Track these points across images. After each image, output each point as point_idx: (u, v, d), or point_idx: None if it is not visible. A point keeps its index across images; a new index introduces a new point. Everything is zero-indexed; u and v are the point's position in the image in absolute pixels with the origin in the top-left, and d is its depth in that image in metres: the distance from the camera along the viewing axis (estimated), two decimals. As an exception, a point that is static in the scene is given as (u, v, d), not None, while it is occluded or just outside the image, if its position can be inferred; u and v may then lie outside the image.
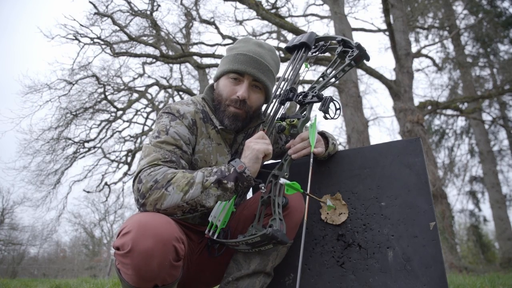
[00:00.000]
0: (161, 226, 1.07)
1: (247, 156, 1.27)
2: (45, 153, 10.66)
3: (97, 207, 21.54)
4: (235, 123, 1.41)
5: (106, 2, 9.57)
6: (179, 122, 1.35)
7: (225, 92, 1.41)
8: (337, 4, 9.36)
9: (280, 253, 1.42)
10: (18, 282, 5.30)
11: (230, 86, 1.40)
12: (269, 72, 1.43)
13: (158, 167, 1.21)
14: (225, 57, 1.46)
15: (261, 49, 1.44)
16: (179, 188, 1.15)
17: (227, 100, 1.40)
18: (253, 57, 1.39)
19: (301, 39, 1.60)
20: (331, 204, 1.32)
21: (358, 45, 1.45)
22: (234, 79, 1.40)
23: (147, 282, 1.08)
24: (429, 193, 1.39)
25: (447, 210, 7.89)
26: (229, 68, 1.40)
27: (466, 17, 12.62)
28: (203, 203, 1.19)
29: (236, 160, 1.26)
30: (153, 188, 1.15)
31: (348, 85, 8.22)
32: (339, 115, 1.40)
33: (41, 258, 23.63)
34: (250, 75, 1.39)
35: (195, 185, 1.17)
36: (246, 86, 1.39)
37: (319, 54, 1.63)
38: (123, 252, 1.05)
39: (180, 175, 1.19)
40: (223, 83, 1.43)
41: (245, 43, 1.47)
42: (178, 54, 9.42)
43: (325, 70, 1.51)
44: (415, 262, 1.34)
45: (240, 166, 1.23)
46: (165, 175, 1.18)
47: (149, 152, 1.27)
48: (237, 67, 1.38)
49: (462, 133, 13.73)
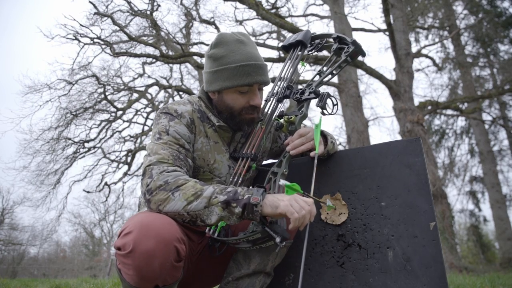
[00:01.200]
0: (163, 226, 1.07)
1: (278, 199, 1.15)
2: (45, 153, 10.67)
3: (97, 207, 21.55)
4: (252, 126, 1.45)
5: (106, 2, 9.57)
6: (177, 121, 1.35)
7: (237, 105, 1.38)
8: (337, 4, 9.36)
9: (280, 253, 1.41)
10: (18, 282, 5.30)
11: (241, 98, 1.38)
12: (266, 68, 1.41)
13: (171, 168, 1.21)
14: (222, 69, 1.35)
15: (249, 48, 1.38)
16: (184, 196, 1.13)
17: (242, 110, 1.39)
18: (257, 64, 1.35)
19: (297, 37, 1.61)
20: (331, 204, 1.32)
21: (353, 41, 1.46)
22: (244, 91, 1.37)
23: (148, 283, 1.08)
24: (429, 193, 1.39)
25: (447, 210, 7.88)
26: (239, 83, 1.34)
27: (466, 17, 12.62)
28: (204, 219, 1.15)
29: (260, 190, 1.16)
30: (161, 188, 1.15)
31: (348, 85, 8.23)
32: (337, 110, 1.40)
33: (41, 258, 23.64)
34: (259, 83, 1.38)
35: (200, 198, 1.13)
36: (258, 93, 1.39)
37: (315, 52, 1.63)
38: (124, 252, 1.05)
39: (191, 184, 1.16)
40: (231, 97, 1.38)
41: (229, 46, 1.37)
42: (178, 54, 9.41)
43: (321, 67, 1.51)
44: (415, 262, 1.34)
45: (255, 198, 1.12)
46: (177, 179, 1.17)
47: (157, 150, 1.26)
48: (248, 80, 1.33)
49: (462, 133, 13.74)
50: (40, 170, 10.84)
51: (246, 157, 1.37)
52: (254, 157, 1.37)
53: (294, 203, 1.14)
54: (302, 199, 1.16)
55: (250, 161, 1.36)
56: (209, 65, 1.40)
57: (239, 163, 1.37)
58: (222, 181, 1.44)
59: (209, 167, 1.41)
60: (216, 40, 1.40)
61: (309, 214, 1.15)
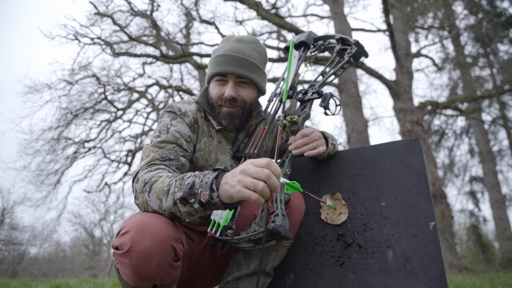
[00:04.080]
0: (160, 226, 1.08)
1: (230, 186, 0.97)
2: (45, 153, 10.69)
3: (97, 207, 21.53)
4: (232, 122, 1.41)
5: (106, 2, 9.58)
6: (180, 120, 1.37)
7: (214, 94, 1.43)
8: (337, 4, 9.36)
9: (280, 253, 1.42)
10: (18, 282, 5.30)
11: (218, 88, 1.42)
12: (251, 65, 1.40)
13: (154, 167, 1.21)
14: (209, 60, 1.47)
15: (240, 44, 1.43)
16: (155, 195, 1.09)
17: (218, 101, 1.42)
18: (232, 55, 1.39)
19: (300, 38, 1.61)
20: (331, 204, 1.33)
21: (356, 42, 1.47)
22: (220, 81, 1.42)
23: (145, 282, 1.09)
24: (429, 193, 1.39)
25: (447, 210, 7.89)
26: (212, 72, 1.42)
27: (466, 17, 12.62)
28: (179, 216, 1.08)
29: (209, 180, 1.00)
30: (141, 191, 1.15)
31: (348, 85, 8.23)
32: (340, 111, 1.41)
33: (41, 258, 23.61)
34: (233, 74, 1.39)
35: (168, 196, 1.06)
36: (231, 85, 1.40)
37: (318, 53, 1.64)
38: (121, 251, 1.05)
39: (161, 180, 1.10)
40: (212, 86, 1.45)
41: (225, 42, 1.47)
42: (178, 54, 9.42)
43: (324, 68, 1.52)
44: (414, 262, 1.35)
45: (204, 195, 0.99)
46: (153, 178, 1.14)
47: (148, 153, 1.28)
48: (218, 69, 1.39)
49: (462, 133, 13.73)
50: (40, 170, 10.86)
51: (249, 156, 1.37)
52: (257, 156, 1.37)
53: (247, 179, 0.93)
54: (257, 166, 0.95)
55: None
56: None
57: (241, 163, 1.37)
58: None
59: (212, 167, 1.42)
60: (223, 38, 1.51)
61: (270, 178, 0.94)
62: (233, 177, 0.97)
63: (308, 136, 1.41)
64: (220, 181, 1.00)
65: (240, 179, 0.95)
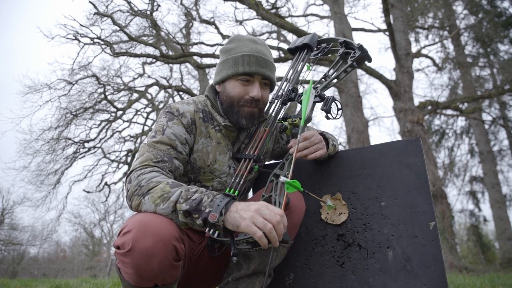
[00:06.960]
0: (162, 225, 1.08)
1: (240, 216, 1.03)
2: (45, 153, 10.67)
3: (97, 207, 21.56)
4: (251, 122, 1.43)
5: (106, 2, 9.58)
6: (176, 121, 1.36)
7: (236, 94, 1.41)
8: (337, 4, 9.37)
9: (280, 254, 1.42)
10: (18, 282, 5.30)
11: (241, 87, 1.40)
12: (273, 67, 1.46)
13: (148, 169, 1.21)
14: (227, 59, 1.43)
15: (259, 46, 1.45)
16: (152, 199, 1.11)
17: (241, 101, 1.41)
18: (260, 56, 1.40)
19: (303, 40, 1.61)
20: (331, 204, 1.32)
21: (360, 46, 1.46)
22: (245, 81, 1.41)
23: (147, 282, 1.08)
24: (429, 193, 1.39)
25: (447, 210, 7.89)
26: (238, 71, 1.39)
27: (466, 17, 12.62)
28: (175, 221, 1.11)
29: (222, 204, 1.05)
30: (135, 193, 1.15)
31: (348, 85, 8.23)
32: (341, 115, 1.41)
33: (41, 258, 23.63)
34: (260, 75, 1.40)
35: (167, 202, 1.09)
36: (258, 86, 1.41)
37: (321, 56, 1.63)
38: (123, 251, 1.05)
39: (161, 186, 1.13)
40: (232, 85, 1.42)
41: (241, 42, 1.46)
42: (178, 54, 9.42)
43: (327, 71, 1.51)
44: (415, 262, 1.34)
45: (213, 216, 1.03)
46: (149, 182, 1.15)
47: (143, 152, 1.28)
48: (247, 69, 1.38)
49: (462, 133, 13.74)
50: (40, 170, 10.85)
51: (249, 158, 1.37)
52: (257, 158, 1.37)
53: (258, 218, 1.02)
54: (270, 210, 1.04)
55: (253, 163, 1.36)
56: (220, 58, 1.48)
57: (241, 164, 1.37)
58: (223, 181, 1.44)
59: (210, 167, 1.42)
60: (232, 37, 1.51)
61: (279, 224, 1.02)
62: (247, 211, 1.04)
63: (309, 140, 1.41)
64: (229, 208, 1.06)
65: (253, 215, 1.03)
